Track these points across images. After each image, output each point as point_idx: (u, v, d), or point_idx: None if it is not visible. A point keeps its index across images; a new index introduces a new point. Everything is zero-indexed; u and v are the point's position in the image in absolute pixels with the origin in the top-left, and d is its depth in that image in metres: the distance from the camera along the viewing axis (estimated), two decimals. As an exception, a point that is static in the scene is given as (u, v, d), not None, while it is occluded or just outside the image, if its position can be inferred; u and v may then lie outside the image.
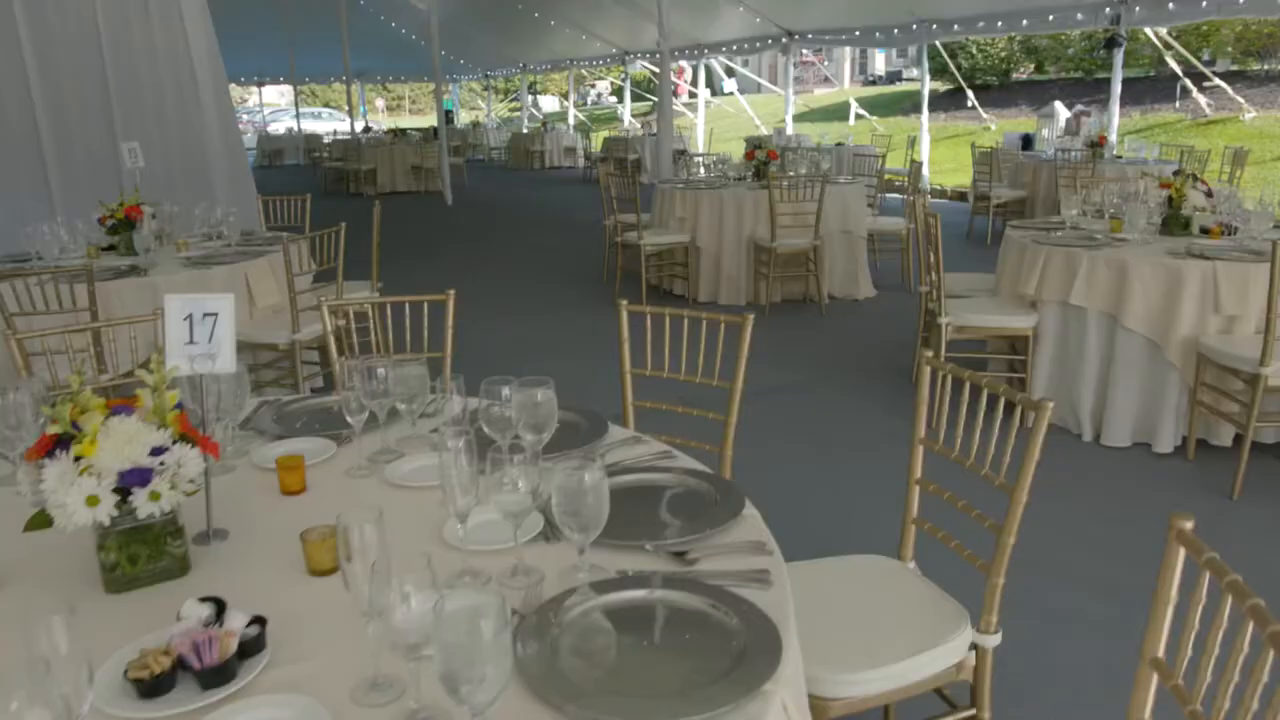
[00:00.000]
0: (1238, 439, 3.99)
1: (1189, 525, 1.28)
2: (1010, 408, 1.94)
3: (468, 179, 17.96)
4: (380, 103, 45.95)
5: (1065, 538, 3.54)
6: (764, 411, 4.92)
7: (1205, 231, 4.69)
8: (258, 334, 4.65)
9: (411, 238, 11.61)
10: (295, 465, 1.89)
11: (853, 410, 5.02)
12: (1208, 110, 15.25)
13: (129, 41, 6.81)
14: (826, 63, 33.70)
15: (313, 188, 17.50)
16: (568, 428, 2.15)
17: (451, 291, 2.90)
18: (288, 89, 29.68)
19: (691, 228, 7.32)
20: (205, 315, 1.63)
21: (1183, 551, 1.28)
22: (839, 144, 13.38)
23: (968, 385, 2.03)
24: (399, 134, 19.60)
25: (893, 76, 31.92)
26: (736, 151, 12.99)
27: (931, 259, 4.63)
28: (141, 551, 1.54)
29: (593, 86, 40.57)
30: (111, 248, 5.04)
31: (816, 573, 2.10)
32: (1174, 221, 4.78)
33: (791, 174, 7.61)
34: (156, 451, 1.49)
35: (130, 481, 1.45)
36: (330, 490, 1.90)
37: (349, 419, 1.95)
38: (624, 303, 2.69)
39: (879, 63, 35.46)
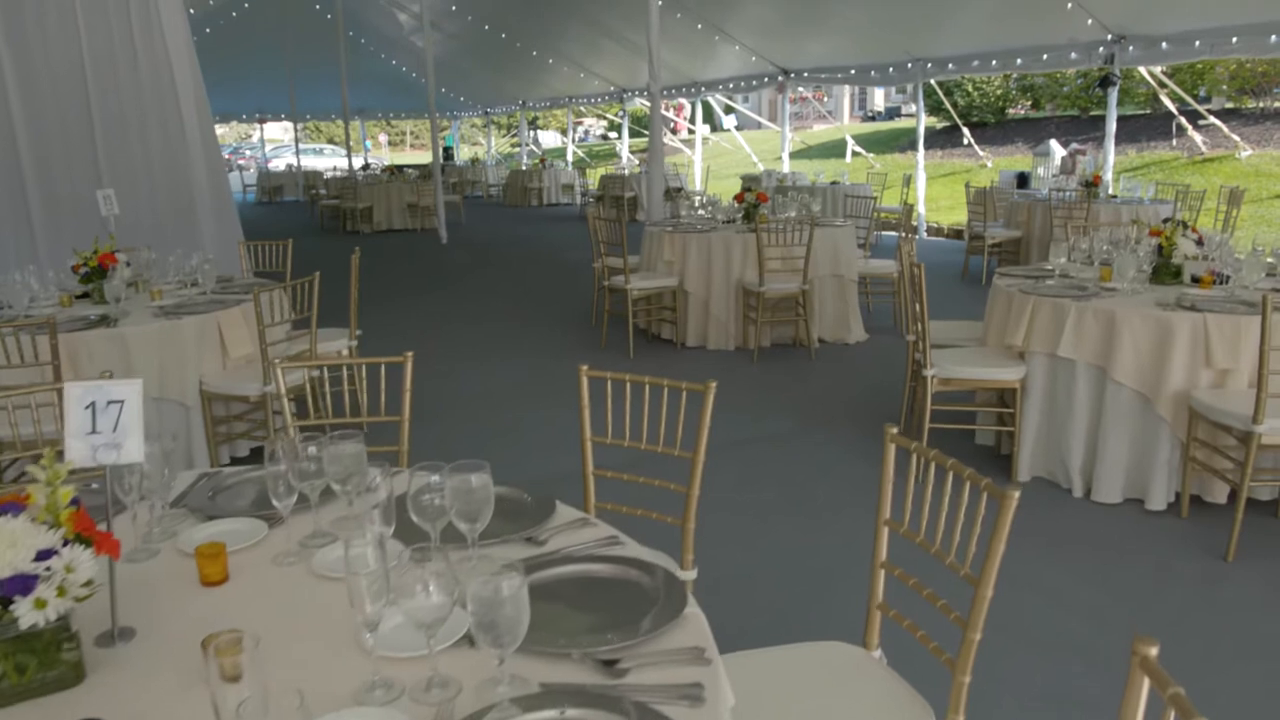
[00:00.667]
0: (1233, 495, 3.87)
1: (1153, 652, 1.16)
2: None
3: (464, 216, 17.96)
4: (383, 138, 46.31)
5: (1051, 599, 3.41)
6: (740, 465, 4.79)
7: (1196, 280, 4.60)
8: (230, 385, 4.56)
9: (403, 277, 11.57)
10: (216, 554, 1.78)
11: (835, 465, 4.87)
12: (1203, 148, 15.24)
13: (114, 76, 6.78)
14: (826, 99, 33.90)
15: (310, 225, 17.63)
16: (512, 506, 2.04)
17: (410, 353, 2.80)
18: (290, 125, 29.83)
19: (680, 271, 7.22)
20: (109, 403, 1.53)
21: (1147, 681, 1.16)
22: (834, 182, 13.34)
23: (933, 465, 1.92)
24: (396, 171, 19.64)
25: (892, 112, 32.08)
26: (733, 189, 12.97)
27: (917, 309, 4.53)
28: (30, 661, 1.43)
29: (580, 123, 40.55)
30: (86, 295, 4.96)
31: (770, 663, 1.97)
32: (1164, 270, 4.69)
33: (782, 216, 7.53)
34: (43, 555, 1.38)
35: (10, 590, 1.34)
36: (253, 581, 1.79)
37: (275, 502, 1.85)
38: (584, 368, 2.59)
39: (878, 98, 35.70)
